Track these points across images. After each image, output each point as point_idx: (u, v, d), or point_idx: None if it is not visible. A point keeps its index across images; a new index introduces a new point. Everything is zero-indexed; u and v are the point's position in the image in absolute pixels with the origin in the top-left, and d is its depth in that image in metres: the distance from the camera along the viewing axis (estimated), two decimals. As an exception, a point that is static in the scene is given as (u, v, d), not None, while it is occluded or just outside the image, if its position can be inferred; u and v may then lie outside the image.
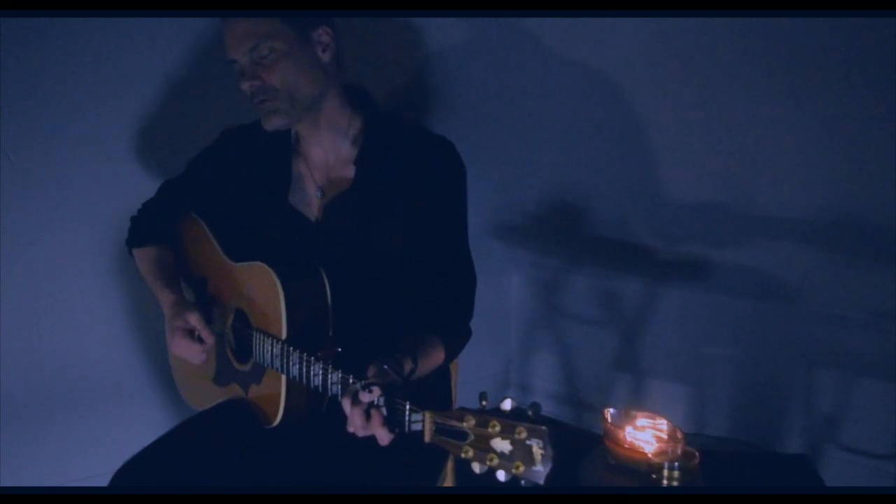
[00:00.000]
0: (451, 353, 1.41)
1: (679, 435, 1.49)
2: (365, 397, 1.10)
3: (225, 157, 1.53)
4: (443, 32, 2.11)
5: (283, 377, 1.32)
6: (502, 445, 0.98)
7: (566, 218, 2.55)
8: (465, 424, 1.01)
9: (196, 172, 1.58)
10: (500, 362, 3.09)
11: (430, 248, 1.41)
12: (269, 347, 1.34)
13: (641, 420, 1.55)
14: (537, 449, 0.96)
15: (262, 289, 1.35)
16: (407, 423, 1.08)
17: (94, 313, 1.96)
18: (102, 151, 1.86)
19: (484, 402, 1.02)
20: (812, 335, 2.26)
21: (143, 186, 1.68)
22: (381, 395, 1.10)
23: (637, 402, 2.69)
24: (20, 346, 1.84)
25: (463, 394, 2.96)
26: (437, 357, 1.35)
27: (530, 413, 0.98)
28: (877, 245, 1.92)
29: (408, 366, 1.23)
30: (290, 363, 1.29)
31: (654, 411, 1.57)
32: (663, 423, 1.53)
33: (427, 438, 1.05)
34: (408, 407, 1.08)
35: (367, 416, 1.10)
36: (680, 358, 2.58)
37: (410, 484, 1.35)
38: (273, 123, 1.36)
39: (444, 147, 1.45)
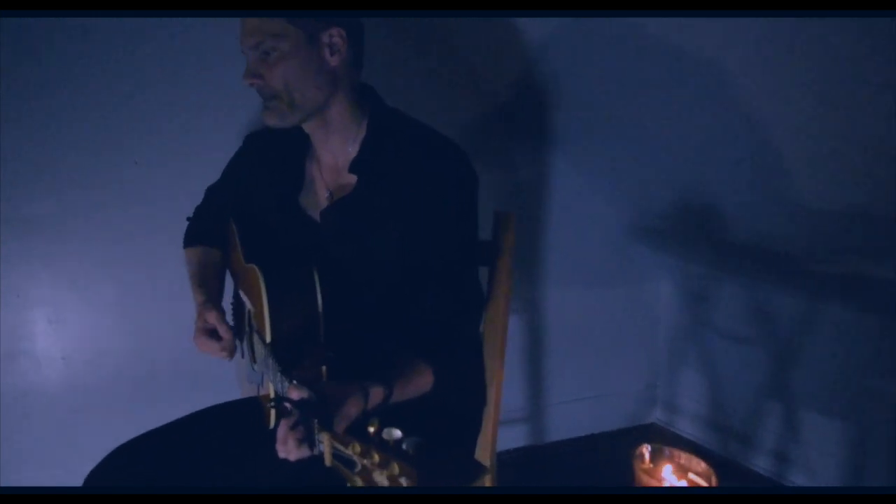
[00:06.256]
0: (444, 381, 1.27)
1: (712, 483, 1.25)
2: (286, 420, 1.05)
3: (247, 161, 1.56)
4: (561, 31, 1.96)
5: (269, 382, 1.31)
6: (381, 479, 0.88)
7: (706, 222, 2.27)
8: (350, 452, 0.92)
9: (227, 177, 1.62)
10: (647, 377, 2.84)
11: (429, 261, 1.31)
12: (261, 350, 1.33)
13: (681, 461, 1.33)
14: (407, 490, 0.85)
15: (255, 290, 1.35)
16: (317, 442, 1.01)
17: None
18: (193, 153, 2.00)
19: (371, 429, 0.91)
20: None
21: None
22: (295, 414, 1.03)
23: (788, 434, 2.33)
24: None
25: (605, 408, 2.76)
26: (420, 383, 1.25)
27: (405, 447, 0.87)
28: None
29: (377, 395, 1.14)
30: (269, 367, 1.27)
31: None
32: (702, 469, 1.30)
33: (327, 462, 0.97)
34: (315, 425, 1.01)
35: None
36: (837, 389, 2.18)
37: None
38: (269, 120, 1.34)
39: (452, 153, 1.34)
